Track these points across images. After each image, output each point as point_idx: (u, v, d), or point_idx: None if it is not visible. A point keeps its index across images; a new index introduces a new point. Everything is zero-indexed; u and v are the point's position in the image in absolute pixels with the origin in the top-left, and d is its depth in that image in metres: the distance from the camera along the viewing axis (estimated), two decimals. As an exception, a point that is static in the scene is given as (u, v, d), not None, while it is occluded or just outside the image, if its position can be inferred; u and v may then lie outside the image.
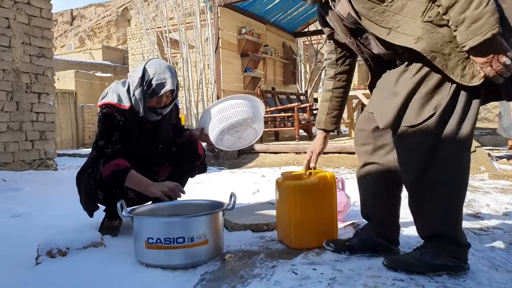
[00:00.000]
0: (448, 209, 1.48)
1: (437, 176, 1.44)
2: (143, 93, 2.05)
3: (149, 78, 2.05)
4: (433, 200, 1.47)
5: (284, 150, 6.30)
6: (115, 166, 1.99)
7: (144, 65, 2.10)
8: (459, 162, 1.45)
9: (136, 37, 16.70)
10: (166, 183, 2.05)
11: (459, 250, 1.48)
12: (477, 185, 3.43)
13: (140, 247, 1.74)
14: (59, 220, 2.54)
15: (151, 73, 2.05)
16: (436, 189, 1.46)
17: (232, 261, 1.76)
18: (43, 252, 1.79)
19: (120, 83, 2.15)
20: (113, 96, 2.10)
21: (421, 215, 1.52)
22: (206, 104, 9.28)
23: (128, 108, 2.08)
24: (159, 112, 2.14)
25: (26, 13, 4.80)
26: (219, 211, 1.83)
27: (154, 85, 2.04)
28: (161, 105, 2.12)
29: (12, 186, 3.86)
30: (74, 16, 37.01)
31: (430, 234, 1.51)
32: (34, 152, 4.88)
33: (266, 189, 3.62)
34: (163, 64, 2.10)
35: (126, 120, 2.08)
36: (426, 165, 1.44)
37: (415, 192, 1.51)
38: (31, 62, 4.86)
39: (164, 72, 2.06)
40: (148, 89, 2.05)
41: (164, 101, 2.11)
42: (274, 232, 2.15)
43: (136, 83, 2.05)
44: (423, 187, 1.47)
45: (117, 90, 2.12)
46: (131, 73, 2.16)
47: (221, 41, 6.88)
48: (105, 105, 2.09)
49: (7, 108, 4.58)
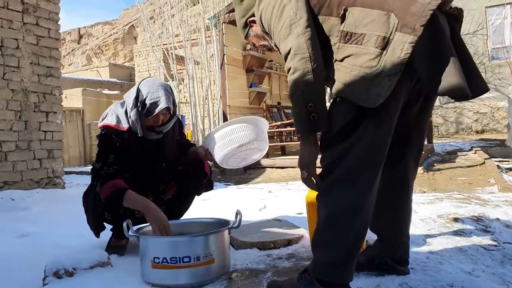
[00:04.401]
0: (316, 238, 1.45)
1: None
2: (139, 114, 2.05)
3: (142, 98, 2.04)
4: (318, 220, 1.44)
5: (290, 164, 6.28)
6: (112, 187, 1.98)
7: (138, 85, 2.10)
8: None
9: (143, 54, 16.91)
10: (162, 219, 1.93)
11: (335, 272, 1.39)
12: (486, 198, 3.38)
13: (146, 267, 1.73)
14: (66, 240, 2.54)
15: (144, 93, 2.05)
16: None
17: (239, 280, 1.75)
18: (50, 272, 1.79)
19: (119, 104, 2.16)
20: (112, 118, 2.11)
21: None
22: (212, 119, 9.32)
23: (127, 129, 2.08)
24: (158, 131, 2.13)
25: (35, 34, 4.89)
26: (225, 230, 1.82)
27: (148, 104, 2.03)
28: (159, 123, 2.11)
29: (20, 205, 3.89)
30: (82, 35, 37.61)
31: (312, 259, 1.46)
32: (42, 170, 4.92)
33: (273, 205, 3.60)
34: (156, 83, 2.09)
35: (125, 141, 2.09)
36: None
37: None
38: (39, 81, 4.93)
39: (157, 90, 2.04)
40: (143, 109, 2.05)
41: (161, 119, 2.10)
42: (281, 250, 2.14)
43: (131, 104, 2.06)
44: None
45: (116, 111, 2.13)
46: (127, 93, 2.17)
47: (226, 57, 6.94)
48: (104, 127, 2.11)
49: (16, 128, 4.63)
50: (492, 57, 10.91)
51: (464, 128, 11.40)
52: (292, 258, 2.01)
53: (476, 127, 11.35)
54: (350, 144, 1.33)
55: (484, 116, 10.99)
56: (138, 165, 2.15)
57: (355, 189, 1.35)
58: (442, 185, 4.09)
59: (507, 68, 10.22)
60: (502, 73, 10.54)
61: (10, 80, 4.58)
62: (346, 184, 1.36)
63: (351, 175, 1.35)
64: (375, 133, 1.32)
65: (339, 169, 1.36)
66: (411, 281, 1.61)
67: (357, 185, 1.35)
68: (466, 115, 11.27)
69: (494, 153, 6.80)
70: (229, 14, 6.81)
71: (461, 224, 2.48)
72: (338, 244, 1.37)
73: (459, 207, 2.95)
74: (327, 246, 1.39)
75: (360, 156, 1.33)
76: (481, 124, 11.29)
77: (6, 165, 4.51)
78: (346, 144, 1.34)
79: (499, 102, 9.98)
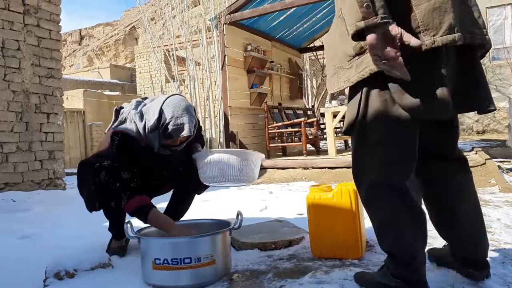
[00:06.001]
0: (375, 226, 1.48)
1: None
2: (159, 136, 2.02)
3: (165, 122, 1.98)
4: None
5: (292, 165, 6.28)
6: (139, 201, 1.98)
7: (161, 105, 2.01)
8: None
9: (144, 56, 16.93)
10: (190, 231, 1.96)
11: (405, 271, 1.39)
12: (487, 199, 3.38)
13: (147, 268, 1.74)
14: (67, 241, 2.55)
15: (168, 116, 1.97)
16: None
17: (240, 281, 1.75)
18: (51, 274, 1.79)
19: (138, 116, 2.06)
20: (131, 126, 2.06)
21: None
22: (213, 120, 9.33)
23: (144, 144, 2.07)
24: (173, 150, 2.13)
25: (36, 35, 4.90)
26: (226, 231, 1.82)
27: (171, 129, 1.98)
28: (177, 144, 2.10)
29: (21, 207, 3.89)
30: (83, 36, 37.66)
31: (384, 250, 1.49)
32: (43, 171, 4.92)
33: (274, 206, 3.60)
34: (181, 106, 2.00)
35: (139, 150, 2.08)
36: None
37: None
38: (40, 83, 4.93)
39: (181, 115, 1.97)
40: (164, 132, 2.00)
41: (180, 140, 2.08)
42: (282, 251, 2.14)
43: (152, 123, 1.99)
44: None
45: (135, 120, 2.06)
46: (147, 107, 2.08)
47: (227, 58, 6.94)
48: (124, 135, 2.05)
49: (17, 129, 4.63)
50: (493, 58, 10.90)
51: (465, 129, 11.39)
52: (293, 259, 2.01)
53: (477, 127, 11.35)
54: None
55: (485, 116, 10.97)
56: (143, 172, 2.15)
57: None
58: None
59: (508, 69, 10.22)
60: (502, 73, 10.54)
61: (11, 81, 4.59)
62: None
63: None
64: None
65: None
66: (412, 282, 1.60)
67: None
68: (467, 116, 11.25)
69: (495, 153, 6.79)
70: (230, 15, 6.82)
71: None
72: (397, 250, 1.41)
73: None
74: (389, 251, 1.44)
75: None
76: (482, 125, 11.28)
77: (7, 167, 4.52)
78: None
79: (500, 103, 9.97)
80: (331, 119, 6.44)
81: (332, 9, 8.32)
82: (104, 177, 2.06)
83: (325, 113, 6.56)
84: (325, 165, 5.99)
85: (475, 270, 1.53)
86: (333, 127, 6.59)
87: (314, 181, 5.43)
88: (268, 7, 6.61)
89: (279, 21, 7.95)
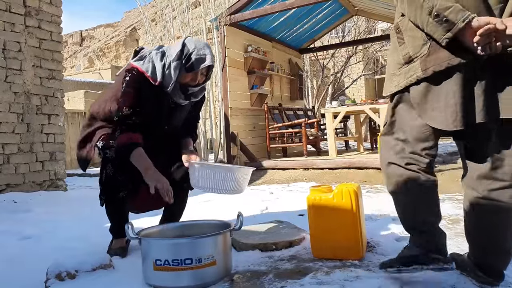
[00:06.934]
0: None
1: None
2: (180, 67, 2.05)
3: (188, 52, 2.05)
4: None
5: (292, 166, 6.29)
6: (129, 138, 2.02)
7: (183, 41, 2.10)
8: None
9: (144, 57, 16.90)
10: (164, 182, 1.98)
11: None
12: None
13: (148, 269, 1.74)
14: (68, 242, 2.55)
15: (190, 48, 2.05)
16: None
17: (241, 282, 1.75)
18: (52, 275, 1.80)
19: (159, 55, 2.12)
20: (148, 66, 2.09)
21: None
22: (214, 121, 9.32)
23: (158, 83, 2.08)
24: (189, 92, 2.13)
25: (37, 36, 4.91)
26: (227, 232, 1.83)
27: (193, 59, 2.04)
28: (195, 83, 2.12)
29: (22, 208, 3.90)
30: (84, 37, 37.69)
31: None
32: (44, 173, 4.93)
33: (274, 206, 3.60)
34: (202, 41, 2.12)
35: (149, 93, 2.09)
36: None
37: None
38: (42, 84, 4.94)
39: (203, 48, 2.06)
40: (187, 63, 2.05)
41: (198, 79, 2.11)
42: (283, 251, 2.14)
43: (174, 56, 2.05)
44: None
45: (154, 61, 2.11)
46: (168, 46, 2.15)
47: (228, 59, 6.95)
48: (137, 71, 2.09)
49: (18, 130, 4.64)
50: None
51: None
52: (294, 260, 2.01)
53: None
54: None
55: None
56: (146, 120, 2.14)
57: None
58: (444, 187, 4.08)
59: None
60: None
61: (12, 82, 4.60)
62: None
63: None
64: None
65: None
66: (412, 282, 1.61)
67: None
68: None
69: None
70: (230, 17, 6.83)
71: (462, 226, 2.47)
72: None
73: (461, 209, 2.94)
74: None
75: None
76: None
77: (9, 168, 4.53)
78: None
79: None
80: (332, 119, 6.44)
81: (332, 10, 8.34)
82: (111, 170, 2.12)
83: (325, 114, 6.56)
84: (325, 165, 6.00)
85: (484, 274, 1.54)
86: (334, 127, 6.60)
87: (314, 181, 5.44)
88: (268, 8, 6.62)
89: (279, 22, 7.96)
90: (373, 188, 4.64)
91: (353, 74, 14.98)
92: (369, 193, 4.22)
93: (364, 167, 5.66)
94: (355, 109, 6.48)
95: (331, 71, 14.74)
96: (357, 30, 13.49)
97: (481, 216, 1.54)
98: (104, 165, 2.19)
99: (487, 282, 1.54)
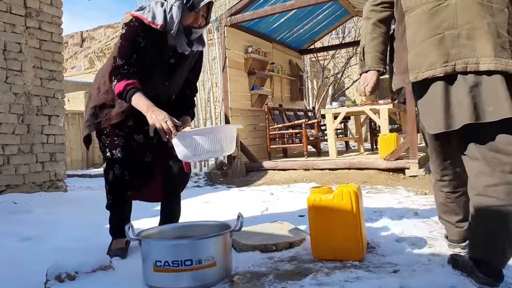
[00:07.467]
0: None
1: None
2: (182, 6, 2.05)
3: None
4: None
5: (292, 167, 6.28)
6: (126, 85, 1.99)
7: None
8: None
9: (145, 57, 16.89)
10: (166, 118, 1.88)
11: None
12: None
13: (148, 270, 1.74)
14: (68, 243, 2.55)
15: None
16: None
17: (241, 283, 1.75)
18: (52, 276, 1.79)
19: (159, 3, 2.13)
20: (148, 14, 2.10)
21: None
22: (214, 122, 9.31)
23: (160, 27, 2.07)
24: (193, 34, 2.12)
25: (38, 37, 4.91)
26: (227, 233, 1.83)
27: None
28: (197, 24, 2.11)
29: (22, 209, 3.89)
30: (84, 38, 37.68)
31: None
32: (44, 173, 4.93)
33: (275, 207, 3.60)
34: None
35: (150, 42, 2.09)
36: None
37: None
38: (42, 85, 4.94)
39: None
40: (188, 2, 2.05)
41: (200, 20, 2.11)
42: (283, 252, 2.14)
43: None
44: None
45: (154, 9, 2.11)
46: None
47: (228, 60, 6.95)
48: (136, 19, 2.10)
49: (18, 131, 4.64)
50: None
51: None
52: (294, 261, 2.01)
53: None
54: None
55: None
56: (147, 72, 2.14)
57: None
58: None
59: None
60: None
61: (13, 83, 4.60)
62: None
63: None
64: None
65: None
66: (412, 283, 1.60)
67: None
68: None
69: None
70: (230, 17, 6.83)
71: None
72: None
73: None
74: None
75: None
76: None
77: (9, 169, 4.52)
78: None
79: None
80: (332, 120, 6.44)
81: (332, 11, 8.34)
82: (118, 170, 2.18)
83: (326, 115, 6.56)
84: (326, 166, 5.99)
85: (484, 275, 1.54)
86: (334, 128, 6.60)
87: (315, 182, 5.43)
88: (268, 9, 6.62)
89: (280, 23, 7.95)
90: (373, 188, 4.63)
91: (354, 75, 14.97)
92: (369, 193, 4.22)
93: (365, 167, 5.66)
94: (356, 110, 6.49)
95: (331, 72, 14.73)
96: (357, 31, 13.45)
97: (479, 211, 1.59)
98: (111, 166, 2.21)
99: (487, 283, 1.54)
